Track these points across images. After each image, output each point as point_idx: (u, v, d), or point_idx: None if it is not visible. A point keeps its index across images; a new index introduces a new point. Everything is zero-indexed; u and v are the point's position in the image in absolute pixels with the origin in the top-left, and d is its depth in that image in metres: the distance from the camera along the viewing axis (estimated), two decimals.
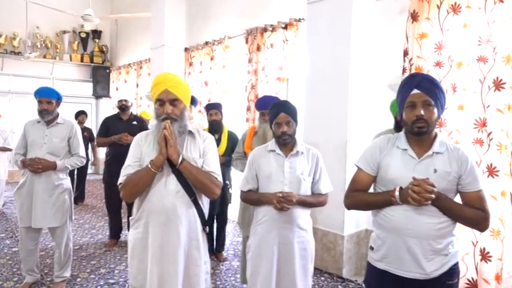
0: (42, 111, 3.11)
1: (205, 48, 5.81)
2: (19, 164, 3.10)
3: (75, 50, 9.20)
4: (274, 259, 2.17)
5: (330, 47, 3.65)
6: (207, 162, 1.94)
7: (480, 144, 2.91)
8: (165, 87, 1.87)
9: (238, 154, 3.36)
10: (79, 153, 3.26)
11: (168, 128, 1.83)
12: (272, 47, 4.60)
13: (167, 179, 1.89)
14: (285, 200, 2.05)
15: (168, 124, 1.83)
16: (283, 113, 2.18)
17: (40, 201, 3.05)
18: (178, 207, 1.88)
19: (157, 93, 1.88)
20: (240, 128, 4.77)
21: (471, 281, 2.96)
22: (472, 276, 2.96)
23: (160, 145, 1.83)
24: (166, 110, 1.87)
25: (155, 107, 1.93)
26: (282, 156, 2.21)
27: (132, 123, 4.36)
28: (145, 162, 1.90)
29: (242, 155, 3.32)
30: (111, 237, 4.43)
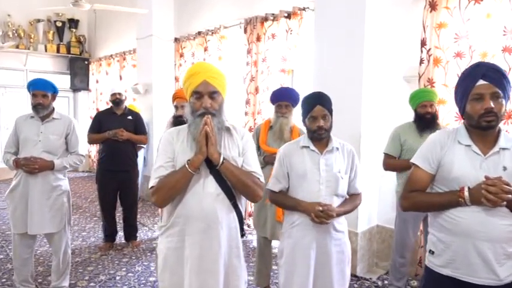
0: (37, 105, 2.80)
1: (198, 39, 5.54)
2: (11, 164, 2.78)
3: (50, 40, 8.64)
4: (311, 264, 2.00)
5: (341, 37, 3.49)
6: (247, 162, 1.75)
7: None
8: (203, 78, 1.66)
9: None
10: (78, 151, 2.98)
11: (210, 124, 1.61)
12: (274, 37, 4.41)
13: (205, 181, 1.68)
14: (325, 215, 1.90)
15: (210, 119, 1.62)
16: (319, 106, 2.01)
17: (36, 204, 2.76)
18: (219, 212, 1.67)
19: (195, 84, 1.66)
20: (238, 122, 4.55)
21: None
22: None
23: (201, 143, 1.61)
24: (205, 103, 1.65)
25: (191, 101, 1.70)
26: (317, 153, 2.04)
27: (127, 118, 4.07)
28: (179, 163, 1.68)
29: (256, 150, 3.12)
30: (106, 241, 4.14)
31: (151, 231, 4.73)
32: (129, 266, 3.63)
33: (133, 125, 4.07)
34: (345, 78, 3.47)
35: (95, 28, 8.76)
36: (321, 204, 1.92)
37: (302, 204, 1.97)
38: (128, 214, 4.19)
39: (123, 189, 4.07)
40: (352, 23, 3.40)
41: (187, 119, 2.81)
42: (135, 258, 3.83)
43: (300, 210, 1.98)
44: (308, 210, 1.94)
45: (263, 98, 4.53)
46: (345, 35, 3.46)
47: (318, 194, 1.98)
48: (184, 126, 1.80)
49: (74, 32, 8.92)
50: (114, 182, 3.99)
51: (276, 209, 2.84)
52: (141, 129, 4.14)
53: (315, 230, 1.98)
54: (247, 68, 4.68)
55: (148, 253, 3.98)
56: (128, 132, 3.97)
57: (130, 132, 4.00)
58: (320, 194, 1.98)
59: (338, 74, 3.51)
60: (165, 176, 1.66)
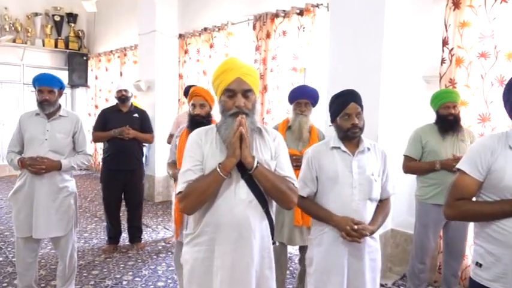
0: (43, 102, 2.65)
1: (204, 35, 5.40)
2: (15, 163, 2.63)
3: (48, 34, 8.43)
4: (345, 273, 1.89)
5: (358, 35, 3.37)
6: (280, 166, 1.62)
7: None
8: (237, 76, 1.53)
9: None
10: (85, 150, 2.83)
11: (245, 125, 1.49)
12: (285, 34, 4.28)
13: (237, 187, 1.55)
14: (358, 234, 1.79)
15: (244, 120, 1.49)
16: (353, 103, 1.90)
17: (42, 207, 2.61)
18: (251, 220, 1.55)
19: (227, 82, 1.53)
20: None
21: None
22: None
23: (235, 145, 1.48)
24: (239, 102, 1.52)
25: (221, 99, 1.57)
26: (349, 154, 1.93)
27: (133, 116, 3.92)
28: (208, 166, 1.55)
29: None
30: (110, 243, 4.00)
31: (155, 233, 4.59)
32: (135, 270, 3.49)
33: (140, 123, 3.93)
34: (362, 78, 3.35)
35: (94, 23, 8.58)
36: (354, 221, 1.82)
37: (334, 219, 1.86)
38: (132, 215, 4.05)
39: (128, 189, 3.92)
40: (370, 20, 3.29)
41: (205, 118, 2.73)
42: (141, 262, 3.69)
43: (331, 224, 1.87)
44: (340, 226, 1.83)
45: (272, 97, 4.40)
46: (362, 33, 3.34)
47: (350, 199, 1.87)
48: (212, 127, 1.67)
49: (72, 26, 8.71)
50: (119, 182, 3.85)
51: (294, 213, 2.73)
52: (147, 128, 4.00)
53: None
54: (256, 65, 4.55)
55: (154, 256, 3.84)
56: (134, 130, 3.83)
57: (136, 130, 3.85)
58: (353, 198, 1.87)
59: (354, 73, 3.39)
60: (194, 180, 1.53)
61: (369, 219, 1.90)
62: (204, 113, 2.70)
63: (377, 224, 1.91)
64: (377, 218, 1.92)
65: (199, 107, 2.69)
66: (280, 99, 4.30)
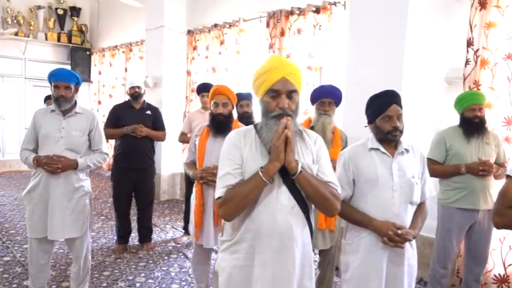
0: (59, 98, 2.56)
1: (214, 31, 5.30)
2: (30, 162, 2.54)
3: (51, 28, 8.28)
4: (383, 279, 1.82)
5: (379, 34, 3.30)
6: (322, 170, 1.54)
7: None
8: (282, 75, 1.45)
9: None
10: (101, 149, 2.75)
11: (290, 128, 1.41)
12: (300, 32, 4.20)
13: (278, 192, 1.47)
14: (401, 239, 1.73)
15: (290, 122, 1.41)
16: (395, 105, 1.84)
17: (58, 207, 2.52)
18: (294, 228, 1.47)
19: (271, 81, 1.45)
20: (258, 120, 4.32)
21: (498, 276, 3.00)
22: (499, 272, 2.99)
23: (279, 149, 1.40)
24: (283, 103, 1.44)
25: (263, 99, 1.49)
26: (389, 156, 1.86)
27: (146, 113, 3.83)
28: (248, 170, 1.47)
29: None
30: (119, 242, 3.91)
31: (164, 232, 4.51)
32: (147, 271, 3.41)
33: (152, 120, 3.84)
34: (382, 78, 3.28)
35: (98, 17, 8.45)
36: (396, 226, 1.75)
37: (374, 223, 1.79)
38: (143, 214, 3.96)
39: (139, 188, 3.83)
40: (392, 19, 3.22)
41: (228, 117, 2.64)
42: (152, 263, 3.61)
43: (371, 229, 1.80)
44: (381, 231, 1.76)
45: None
46: (383, 32, 3.27)
47: (391, 202, 1.80)
48: (250, 128, 1.59)
49: (75, 20, 8.58)
50: (131, 180, 3.77)
51: (317, 216, 2.65)
52: (160, 125, 3.91)
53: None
54: None
55: (166, 257, 3.76)
56: (147, 128, 3.74)
57: (148, 128, 3.77)
58: (393, 202, 1.81)
59: (374, 73, 3.32)
60: (235, 185, 1.45)
61: (409, 223, 1.84)
62: (227, 112, 2.62)
63: (417, 228, 1.85)
64: (417, 222, 1.86)
65: (222, 106, 2.60)
66: None
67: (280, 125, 1.40)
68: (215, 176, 2.48)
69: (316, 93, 2.84)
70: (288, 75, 1.45)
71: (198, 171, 2.54)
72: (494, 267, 3.01)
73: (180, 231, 4.52)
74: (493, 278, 3.01)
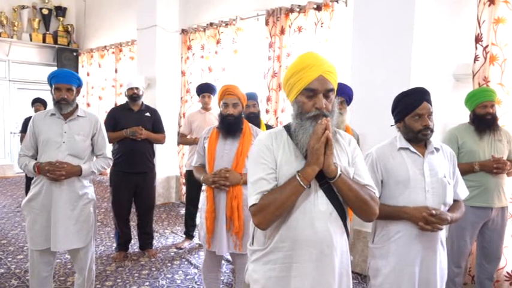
0: (61, 101, 2.42)
1: (210, 30, 5.18)
2: (31, 169, 2.39)
3: (35, 28, 8.02)
4: (416, 283, 1.76)
5: (386, 31, 3.25)
6: (358, 173, 1.46)
7: None
8: (319, 73, 1.35)
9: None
10: (105, 153, 2.62)
11: (330, 129, 1.32)
12: (300, 30, 4.12)
13: (315, 197, 1.38)
14: (438, 220, 1.66)
15: (330, 123, 1.32)
16: (426, 103, 1.78)
17: (62, 216, 2.38)
18: (333, 236, 1.38)
19: (308, 80, 1.35)
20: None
21: (510, 273, 2.99)
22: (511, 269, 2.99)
23: (319, 152, 1.31)
24: (320, 103, 1.35)
25: (299, 99, 1.39)
26: (419, 156, 1.80)
27: (145, 115, 3.69)
28: (282, 175, 1.38)
29: None
30: (119, 250, 3.76)
31: (163, 238, 4.37)
32: (152, 280, 3.28)
33: (152, 122, 3.71)
34: (390, 77, 3.23)
35: (85, 17, 8.22)
36: (429, 208, 1.69)
37: (406, 211, 1.73)
38: (143, 220, 3.82)
39: (139, 193, 3.69)
40: (398, 15, 3.16)
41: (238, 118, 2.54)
42: (155, 270, 3.48)
43: (405, 217, 1.74)
44: (415, 216, 1.70)
45: None
46: (389, 30, 3.22)
47: (423, 204, 1.74)
48: (280, 130, 1.49)
49: (61, 20, 8.32)
50: (131, 185, 3.62)
51: None
52: (159, 127, 3.78)
53: (420, 244, 1.75)
54: (269, 62, 4.38)
55: (169, 263, 3.64)
56: (146, 130, 3.61)
57: (148, 130, 3.63)
58: (426, 203, 1.75)
59: (381, 71, 3.26)
60: (270, 191, 1.36)
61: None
62: (237, 113, 2.52)
63: (455, 214, 1.78)
64: (453, 209, 1.81)
65: (232, 107, 2.50)
66: None
67: (320, 126, 1.31)
68: (227, 180, 2.41)
69: None
70: (326, 73, 1.36)
71: (209, 176, 2.43)
72: (506, 265, 3.00)
73: (181, 236, 4.39)
74: (506, 275, 3.00)
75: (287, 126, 1.47)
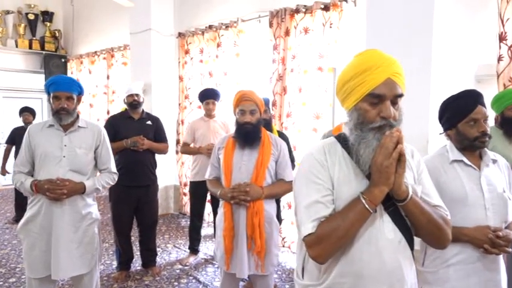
0: (60, 110, 2.17)
1: (209, 33, 4.96)
2: (27, 187, 2.13)
3: (21, 34, 7.67)
4: None
5: (402, 32, 3.08)
6: (426, 192, 1.26)
7: None
8: (387, 76, 1.15)
9: None
10: (110, 168, 2.37)
11: (403, 142, 1.11)
12: (307, 31, 3.93)
13: (381, 223, 1.17)
14: (505, 241, 1.47)
15: (402, 136, 1.12)
16: (481, 106, 1.60)
17: (64, 240, 2.13)
18: (404, 268, 1.17)
19: (373, 84, 1.14)
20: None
21: None
22: None
23: (390, 170, 1.10)
24: (388, 112, 1.13)
25: (360, 106, 1.17)
26: (474, 169, 1.62)
27: (146, 123, 3.45)
28: (341, 197, 1.16)
29: None
30: (121, 269, 3.49)
31: (166, 253, 4.11)
32: None
33: (153, 131, 3.46)
34: (408, 79, 3.01)
35: (73, 22, 7.90)
36: (491, 228, 1.51)
37: (466, 232, 1.54)
38: (146, 236, 3.56)
39: (141, 207, 3.43)
40: (416, 15, 2.99)
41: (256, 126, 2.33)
42: None
43: (464, 240, 1.54)
44: (477, 238, 1.52)
45: (294, 99, 4.05)
46: (407, 30, 3.04)
47: (484, 223, 1.55)
48: (332, 142, 1.27)
49: (48, 26, 7.99)
50: (132, 200, 3.36)
51: None
52: (162, 136, 3.54)
53: (482, 267, 1.55)
54: (274, 65, 4.18)
55: (175, 282, 3.38)
56: (148, 140, 3.36)
57: (150, 140, 3.39)
58: (488, 222, 1.56)
59: None
60: (330, 217, 1.14)
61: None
62: (255, 121, 2.31)
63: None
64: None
65: (250, 114, 2.29)
66: (304, 101, 3.95)
67: (390, 138, 1.10)
68: (248, 194, 2.19)
69: None
70: (394, 76, 1.16)
71: (227, 190, 2.21)
72: None
73: (184, 251, 4.14)
74: None
75: (339, 137, 1.27)
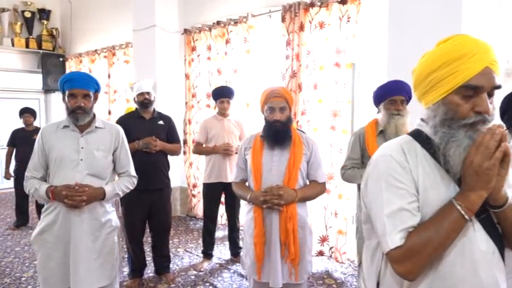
0: (76, 109, 2.00)
1: (217, 29, 4.79)
2: (42, 194, 1.96)
3: (17, 33, 7.44)
4: None
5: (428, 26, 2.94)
6: None
7: None
8: (485, 65, 0.98)
9: (352, 161, 2.49)
10: (129, 171, 2.21)
11: (507, 140, 0.96)
12: (322, 26, 3.78)
13: (473, 233, 1.02)
14: None
15: (506, 132, 0.96)
16: None
17: (82, 250, 1.96)
18: (501, 284, 1.02)
19: (469, 74, 0.97)
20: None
21: None
22: None
23: (492, 172, 0.94)
24: (485, 106, 0.97)
25: (449, 100, 1.00)
26: None
27: (158, 123, 3.27)
28: (429, 203, 1.01)
29: (359, 161, 2.48)
30: (133, 276, 3.32)
31: (178, 258, 3.94)
32: None
33: (166, 131, 3.29)
34: None
35: (71, 20, 7.68)
36: None
37: None
38: (159, 242, 3.38)
39: (154, 212, 3.25)
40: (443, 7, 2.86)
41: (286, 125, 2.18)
42: None
43: None
44: None
45: (308, 97, 3.90)
46: (433, 23, 2.91)
47: None
48: (409, 141, 1.10)
49: (45, 24, 7.76)
50: (145, 204, 3.18)
51: None
52: (174, 137, 3.37)
53: None
54: (287, 62, 4.03)
55: None
56: (161, 140, 3.19)
57: (162, 140, 3.21)
58: None
59: None
60: (420, 228, 0.99)
61: None
62: (285, 118, 2.15)
63: None
64: None
65: (280, 111, 2.13)
66: (321, 98, 3.80)
67: (491, 135, 0.94)
68: (281, 198, 2.04)
69: (385, 90, 2.42)
70: (492, 65, 1.00)
71: (258, 194, 2.06)
72: None
73: (197, 255, 3.98)
74: None
75: (417, 135, 1.11)
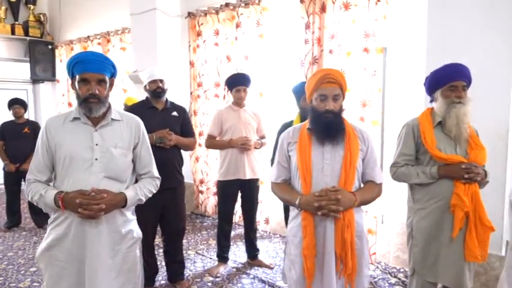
0: (90, 98, 1.62)
1: (225, 12, 4.40)
2: (49, 202, 1.59)
3: (2, 18, 6.89)
4: None
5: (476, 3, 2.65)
6: None
7: None
8: None
9: (406, 157, 2.15)
10: (152, 172, 1.86)
11: None
12: (348, 7, 3.43)
13: None
14: None
15: None
16: None
17: (101, 268, 1.61)
18: None
19: None
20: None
21: None
22: None
23: None
24: None
25: None
26: None
27: (172, 115, 2.90)
28: None
29: (413, 157, 2.15)
30: (145, 285, 2.95)
31: (190, 262, 3.59)
32: None
33: (180, 124, 2.93)
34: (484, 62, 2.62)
35: (60, 5, 7.15)
36: None
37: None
38: (172, 246, 3.03)
39: (168, 214, 2.90)
40: None
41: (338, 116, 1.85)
42: None
43: None
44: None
45: None
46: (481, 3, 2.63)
47: None
48: None
49: (31, 9, 7.22)
50: (158, 205, 2.82)
51: (465, 243, 1.95)
52: (189, 130, 3.00)
53: None
54: (307, 47, 3.68)
55: None
56: (175, 134, 2.83)
57: (177, 134, 2.85)
58: None
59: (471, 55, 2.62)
60: None
61: None
62: (338, 108, 1.82)
63: None
64: None
65: (333, 100, 1.80)
66: (348, 87, 3.44)
67: None
68: (339, 203, 1.72)
69: (442, 75, 2.09)
70: None
71: (311, 198, 1.71)
72: None
73: (210, 258, 3.64)
74: None
75: None
